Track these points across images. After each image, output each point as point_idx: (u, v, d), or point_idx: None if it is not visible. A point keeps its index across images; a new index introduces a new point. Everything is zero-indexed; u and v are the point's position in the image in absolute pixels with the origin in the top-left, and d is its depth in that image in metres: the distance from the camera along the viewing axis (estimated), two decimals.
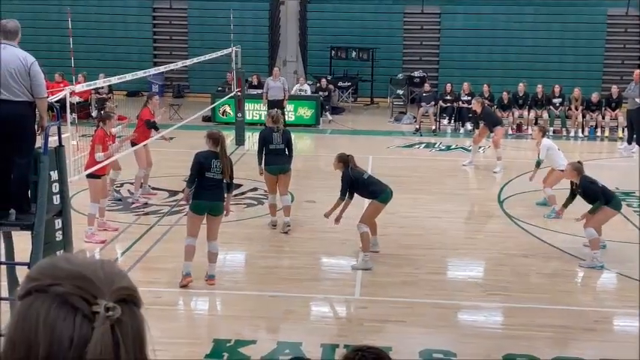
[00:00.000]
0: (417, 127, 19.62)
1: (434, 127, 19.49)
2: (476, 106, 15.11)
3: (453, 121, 20.14)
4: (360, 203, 9.68)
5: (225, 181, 8.22)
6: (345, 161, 9.22)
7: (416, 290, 8.27)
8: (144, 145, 11.65)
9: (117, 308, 1.13)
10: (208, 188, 8.08)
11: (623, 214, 10.28)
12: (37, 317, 1.13)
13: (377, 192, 9.09)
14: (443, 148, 17.36)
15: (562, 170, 10.68)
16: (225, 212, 8.37)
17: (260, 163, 10.43)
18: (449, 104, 20.10)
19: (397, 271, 8.86)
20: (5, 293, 6.20)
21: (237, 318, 7.54)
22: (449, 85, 20.63)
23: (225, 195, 8.35)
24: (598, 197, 9.08)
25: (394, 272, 8.84)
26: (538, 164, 11.70)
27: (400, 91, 22.52)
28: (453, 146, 17.49)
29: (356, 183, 9.13)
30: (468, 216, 12.07)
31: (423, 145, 17.66)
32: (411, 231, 10.60)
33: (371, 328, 7.39)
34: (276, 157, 10.30)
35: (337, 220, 9.28)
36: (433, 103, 19.92)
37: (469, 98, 19.63)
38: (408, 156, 16.50)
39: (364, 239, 8.99)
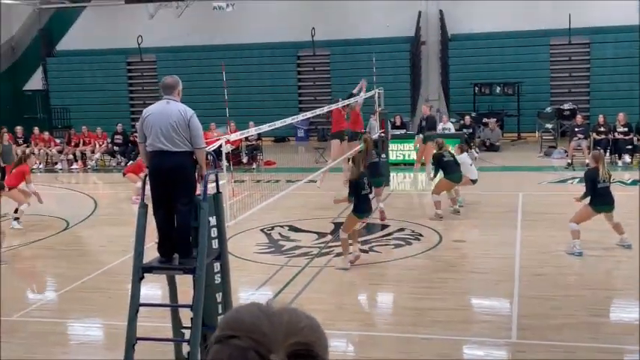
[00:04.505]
0: (569, 161, 18.86)
1: (587, 161, 18.62)
2: (456, 150, 13.97)
3: (608, 153, 19.14)
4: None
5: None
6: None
7: (577, 333, 7.83)
8: None
9: None
10: (364, 201, 10.44)
11: None
12: None
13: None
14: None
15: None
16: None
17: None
18: (603, 136, 19.17)
19: (556, 313, 8.45)
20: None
21: None
22: (601, 116, 19.72)
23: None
24: None
25: (552, 314, 8.43)
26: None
27: (549, 125, 21.83)
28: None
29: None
30: (632, 253, 11.31)
31: (577, 180, 16.86)
32: (568, 270, 10.13)
33: None
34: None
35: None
36: (584, 136, 19.12)
37: (626, 129, 18.69)
38: (560, 192, 15.82)
39: None
